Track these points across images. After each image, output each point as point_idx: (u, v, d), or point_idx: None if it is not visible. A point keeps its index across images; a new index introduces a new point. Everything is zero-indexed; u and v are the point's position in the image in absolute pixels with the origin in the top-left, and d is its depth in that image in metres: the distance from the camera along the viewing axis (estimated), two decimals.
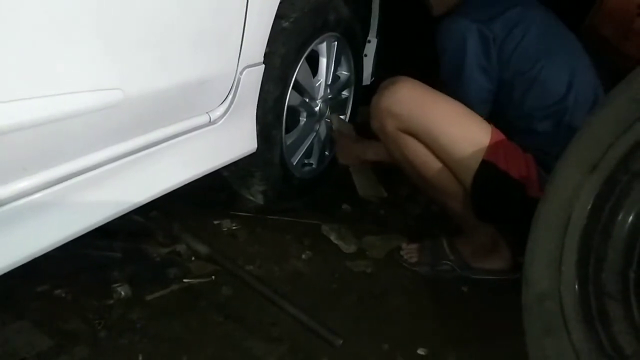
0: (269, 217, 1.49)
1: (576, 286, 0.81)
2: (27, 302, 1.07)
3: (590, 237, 0.81)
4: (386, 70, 1.58)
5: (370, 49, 1.83)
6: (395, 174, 1.53)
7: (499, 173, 1.17)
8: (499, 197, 1.22)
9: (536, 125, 1.25)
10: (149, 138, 0.96)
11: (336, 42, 1.54)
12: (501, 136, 1.20)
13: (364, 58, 1.79)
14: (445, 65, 1.31)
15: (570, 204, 0.82)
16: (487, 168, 1.18)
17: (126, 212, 0.95)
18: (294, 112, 1.48)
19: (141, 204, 0.98)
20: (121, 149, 0.90)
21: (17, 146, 0.72)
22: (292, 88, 1.37)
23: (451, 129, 1.20)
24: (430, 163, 1.24)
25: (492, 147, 1.18)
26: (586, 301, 0.80)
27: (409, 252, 1.40)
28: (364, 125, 1.47)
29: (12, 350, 0.95)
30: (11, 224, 0.76)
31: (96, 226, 0.90)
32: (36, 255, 0.81)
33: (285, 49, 1.29)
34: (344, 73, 1.66)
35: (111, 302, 1.10)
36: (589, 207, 0.81)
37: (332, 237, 1.45)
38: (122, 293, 1.12)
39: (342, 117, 1.69)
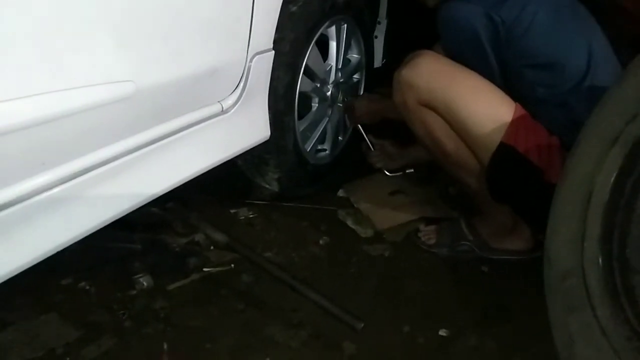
0: (284, 204, 1.49)
1: (600, 262, 0.80)
2: (53, 296, 1.09)
3: (613, 212, 0.79)
4: (398, 52, 1.56)
5: (380, 30, 1.80)
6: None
7: (517, 156, 1.14)
8: (515, 181, 1.19)
9: (555, 110, 1.18)
10: (163, 129, 0.96)
11: (345, 25, 1.52)
12: (525, 115, 1.16)
13: (375, 40, 1.76)
14: (452, 55, 1.24)
15: (592, 179, 0.80)
16: (505, 150, 1.14)
17: (144, 203, 0.96)
18: (305, 98, 1.47)
19: (158, 195, 0.99)
20: (135, 141, 0.91)
21: (36, 141, 0.73)
22: (303, 73, 1.36)
23: (471, 104, 1.17)
24: (449, 138, 1.22)
25: (513, 127, 1.14)
26: (611, 277, 0.78)
27: (427, 234, 1.39)
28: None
29: (42, 342, 0.97)
30: (33, 219, 0.77)
31: (115, 218, 0.91)
32: (58, 249, 0.82)
33: (295, 34, 1.27)
34: (354, 56, 1.64)
35: (134, 292, 1.12)
36: (611, 182, 0.79)
37: (349, 222, 1.45)
38: (145, 284, 1.14)
39: None
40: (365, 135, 1.65)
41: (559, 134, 1.16)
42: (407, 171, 1.66)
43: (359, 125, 1.64)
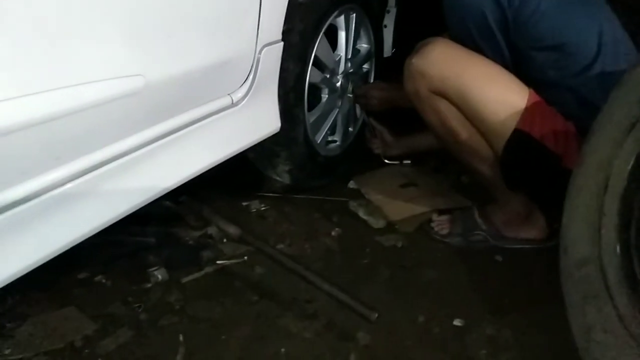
0: (296, 196, 1.49)
1: (618, 250, 0.78)
2: (70, 289, 1.11)
3: (631, 199, 0.78)
4: (408, 41, 1.54)
5: (389, 19, 1.78)
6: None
7: (533, 142, 1.12)
8: (531, 168, 1.17)
9: (567, 94, 1.16)
10: (174, 123, 0.96)
11: (354, 14, 1.50)
12: (539, 101, 1.14)
13: (384, 29, 1.74)
14: (460, 42, 1.22)
15: (609, 165, 0.79)
16: (520, 137, 1.13)
17: (157, 197, 0.97)
18: (315, 89, 1.46)
19: (171, 189, 1.00)
20: (147, 136, 0.91)
21: (50, 136, 0.74)
22: (312, 65, 1.35)
23: (484, 91, 1.15)
24: (462, 126, 1.21)
25: (528, 113, 1.12)
26: (629, 264, 0.77)
27: (440, 223, 1.38)
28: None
29: (61, 335, 0.99)
30: (49, 213, 0.78)
31: (129, 212, 0.92)
32: (74, 244, 0.83)
33: (303, 25, 1.26)
34: (363, 46, 1.63)
35: (149, 285, 1.13)
36: (629, 168, 0.78)
37: (361, 213, 1.44)
38: (159, 277, 1.15)
39: None
40: (367, 119, 1.65)
41: (574, 118, 1.14)
42: (404, 162, 1.67)
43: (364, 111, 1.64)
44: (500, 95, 1.15)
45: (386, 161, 1.68)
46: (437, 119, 1.24)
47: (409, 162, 1.68)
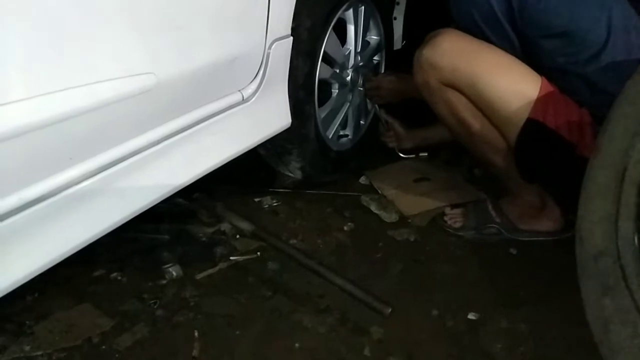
0: (308, 191, 1.49)
1: (635, 241, 0.77)
2: (86, 287, 1.12)
3: None
4: (418, 33, 1.53)
5: (399, 11, 1.76)
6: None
7: (547, 131, 1.11)
8: (546, 157, 1.16)
9: (578, 81, 1.14)
10: (186, 120, 0.97)
11: (363, 7, 1.49)
12: (552, 90, 1.12)
13: (394, 21, 1.73)
14: (467, 32, 1.20)
15: (626, 155, 0.77)
16: (534, 126, 1.11)
17: (170, 194, 0.98)
18: (325, 85, 1.46)
19: (184, 186, 1.00)
20: (159, 133, 0.92)
21: (63, 136, 0.75)
22: (322, 61, 1.34)
23: (496, 81, 1.14)
24: (474, 118, 1.19)
25: (541, 102, 1.11)
26: None
27: (453, 217, 1.37)
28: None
29: (78, 332, 1.01)
30: (65, 212, 0.79)
31: (143, 210, 0.93)
32: (90, 242, 0.84)
33: (312, 21, 1.26)
34: (373, 38, 1.62)
35: (164, 282, 1.15)
36: None
37: (373, 208, 1.44)
38: (174, 273, 1.16)
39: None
40: (379, 112, 1.64)
41: (587, 105, 1.12)
42: (420, 154, 1.65)
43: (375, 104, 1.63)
44: (512, 84, 1.14)
45: (402, 155, 1.66)
46: (448, 111, 1.23)
47: (426, 154, 1.66)
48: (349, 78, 1.53)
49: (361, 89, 1.59)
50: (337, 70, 1.48)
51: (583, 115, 1.12)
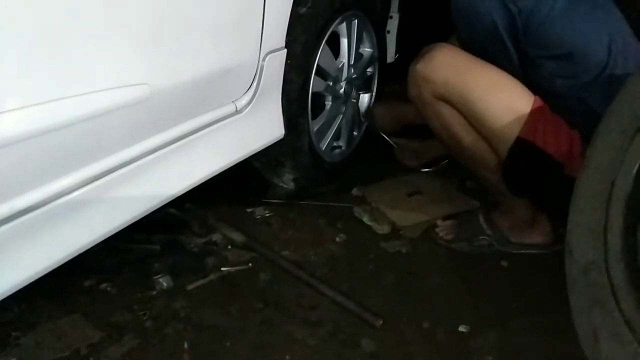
0: (301, 202, 1.49)
1: (624, 255, 0.78)
2: (76, 297, 1.11)
3: (636, 203, 0.78)
4: (411, 46, 1.55)
5: (392, 25, 1.79)
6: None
7: (536, 150, 1.12)
8: (533, 175, 1.17)
9: (574, 102, 1.14)
10: (179, 131, 0.97)
11: (356, 20, 1.51)
12: (544, 109, 1.13)
13: (387, 35, 1.75)
14: (469, 45, 1.22)
15: (614, 169, 0.78)
16: (523, 145, 1.12)
17: (162, 204, 0.98)
18: (318, 97, 1.47)
19: (176, 196, 1.00)
20: (152, 144, 0.92)
21: (55, 146, 0.75)
22: (315, 74, 1.35)
23: (488, 97, 1.15)
24: (466, 132, 1.20)
25: (532, 121, 1.12)
26: (635, 269, 0.77)
27: (445, 229, 1.37)
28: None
29: (67, 343, 0.99)
30: (55, 222, 0.79)
31: (135, 220, 0.93)
32: (80, 252, 0.84)
33: (305, 36, 1.27)
34: (366, 50, 1.63)
35: (154, 293, 1.14)
36: (634, 172, 0.77)
37: (365, 219, 1.44)
38: (164, 284, 1.15)
39: (367, 94, 1.65)
40: (387, 138, 1.64)
41: (579, 126, 1.13)
42: (441, 163, 1.63)
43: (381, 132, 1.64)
44: (504, 101, 1.15)
45: (425, 170, 1.64)
46: (440, 124, 1.25)
47: (446, 162, 1.63)
48: (342, 90, 1.54)
49: (354, 100, 1.61)
50: (331, 83, 1.49)
51: (573, 136, 1.13)
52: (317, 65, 1.35)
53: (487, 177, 1.27)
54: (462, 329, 1.08)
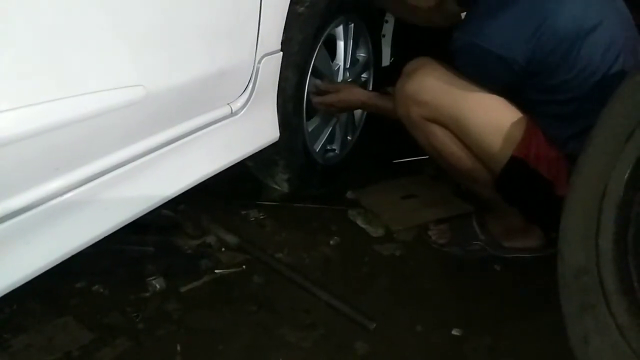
0: (295, 205, 1.49)
1: (615, 258, 0.79)
2: (68, 299, 1.10)
3: (628, 209, 0.78)
4: (406, 50, 1.55)
5: (388, 29, 1.79)
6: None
7: (528, 169, 1.12)
8: (526, 192, 1.18)
9: (564, 128, 1.13)
10: (174, 132, 0.97)
11: (353, 24, 1.52)
12: (535, 128, 1.13)
13: (382, 39, 1.76)
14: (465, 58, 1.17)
15: (606, 174, 0.79)
16: (516, 164, 1.13)
17: (156, 206, 0.97)
18: None
19: (170, 198, 1.00)
20: (147, 145, 0.92)
21: (49, 147, 0.74)
22: (311, 74, 1.36)
23: (482, 119, 1.14)
24: (458, 152, 1.20)
25: (525, 141, 1.12)
26: (626, 274, 0.77)
27: (438, 232, 1.38)
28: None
29: (58, 346, 0.98)
30: (48, 223, 0.78)
31: (128, 222, 0.92)
32: (73, 253, 0.83)
33: (302, 36, 1.27)
34: (362, 55, 1.64)
35: (147, 295, 1.13)
36: (625, 177, 0.78)
37: (359, 222, 1.44)
38: (157, 286, 1.15)
39: None
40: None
41: (567, 148, 1.13)
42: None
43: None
44: (496, 122, 1.14)
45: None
46: (429, 144, 1.25)
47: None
48: None
49: None
50: None
51: (561, 159, 1.13)
52: (314, 66, 1.35)
53: (479, 192, 1.28)
54: (455, 332, 1.08)
